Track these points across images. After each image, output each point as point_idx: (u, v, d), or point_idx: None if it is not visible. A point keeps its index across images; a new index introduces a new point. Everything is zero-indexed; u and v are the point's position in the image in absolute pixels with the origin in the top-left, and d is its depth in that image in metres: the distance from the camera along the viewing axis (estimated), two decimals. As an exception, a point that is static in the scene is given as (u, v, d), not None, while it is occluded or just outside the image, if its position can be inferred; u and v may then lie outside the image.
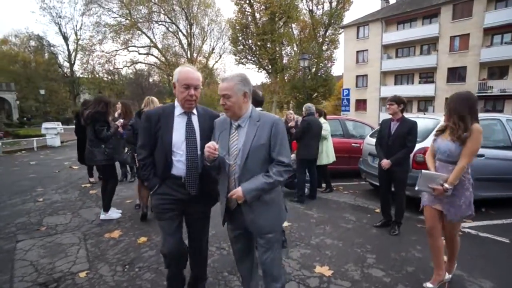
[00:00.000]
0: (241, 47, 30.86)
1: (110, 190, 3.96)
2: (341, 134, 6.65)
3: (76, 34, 35.15)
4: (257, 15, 29.64)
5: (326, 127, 5.36)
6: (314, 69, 31.48)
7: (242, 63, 32.32)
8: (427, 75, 25.12)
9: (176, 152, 1.88)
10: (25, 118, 31.82)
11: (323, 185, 5.83)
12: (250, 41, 30.47)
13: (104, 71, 35.27)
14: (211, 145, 1.63)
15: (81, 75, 36.54)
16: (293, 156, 5.32)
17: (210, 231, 2.31)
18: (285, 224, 3.86)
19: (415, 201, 4.62)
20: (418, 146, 4.27)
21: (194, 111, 1.96)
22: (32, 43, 37.71)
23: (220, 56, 37.37)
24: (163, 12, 33.06)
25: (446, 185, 2.23)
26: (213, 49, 37.23)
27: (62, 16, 34.65)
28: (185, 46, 35.69)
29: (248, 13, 29.65)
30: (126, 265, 2.79)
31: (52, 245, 3.18)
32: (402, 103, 3.53)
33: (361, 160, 5.69)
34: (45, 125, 12.09)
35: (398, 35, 25.64)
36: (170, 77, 31.83)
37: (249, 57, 31.63)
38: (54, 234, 3.46)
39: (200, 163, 1.89)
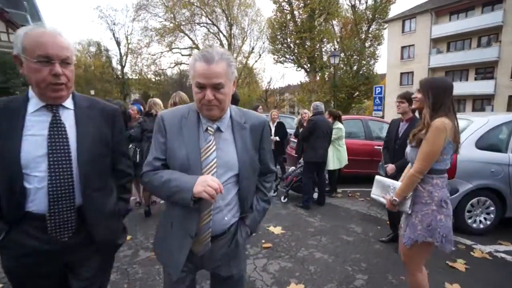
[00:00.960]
0: (280, 45, 30.57)
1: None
2: (363, 136, 6.08)
3: (127, 39, 38.08)
4: (296, 13, 29.07)
5: (337, 131, 4.92)
6: (355, 67, 29.98)
7: (281, 62, 32.00)
8: (485, 70, 22.20)
9: (30, 175, 1.09)
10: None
11: (338, 190, 5.40)
12: (288, 39, 30.03)
13: (151, 72, 37.65)
14: (217, 184, 1.04)
15: (130, 77, 39.58)
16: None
17: None
18: (278, 231, 3.59)
19: None
20: None
21: (68, 102, 1.19)
22: (92, 48, 41.82)
23: (260, 55, 37.47)
24: (204, 14, 34.12)
25: (393, 196, 1.80)
26: (252, 48, 37.45)
27: (116, 23, 37.80)
28: (225, 46, 36.43)
29: (287, 11, 29.22)
30: (99, 264, 2.78)
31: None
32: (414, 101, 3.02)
33: (380, 164, 5.11)
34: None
35: (451, 27, 23.02)
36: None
37: (288, 56, 31.20)
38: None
39: (79, 189, 1.15)
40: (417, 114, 3.14)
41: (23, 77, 14.81)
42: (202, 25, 35.35)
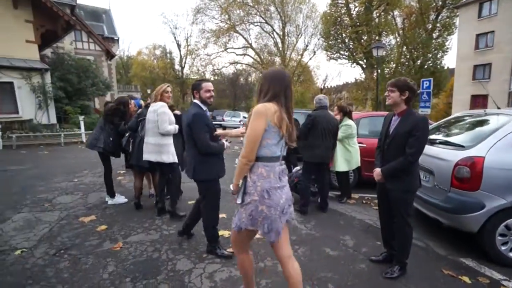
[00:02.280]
0: (333, 41, 29.17)
1: (107, 177, 4.22)
2: (389, 135, 5.27)
3: (186, 41, 40.71)
4: (351, 6, 27.37)
5: (346, 129, 4.31)
6: (419, 61, 26.95)
7: (334, 58, 30.58)
8: None
9: None
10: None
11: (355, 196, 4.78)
12: (343, 34, 28.47)
13: (208, 72, 39.59)
14: None
15: (188, 77, 42.27)
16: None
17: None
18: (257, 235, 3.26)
19: (458, 235, 3.25)
20: (463, 153, 2.96)
21: None
22: (157, 52, 45.81)
23: (314, 52, 36.24)
24: (258, 13, 34.37)
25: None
26: (307, 45, 36.45)
27: (177, 27, 40.57)
28: (279, 44, 36.21)
29: (341, 4, 27.70)
30: (61, 250, 2.85)
31: (32, 220, 3.57)
32: (408, 89, 2.39)
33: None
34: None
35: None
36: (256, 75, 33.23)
37: (342, 52, 29.62)
38: (45, 211, 3.89)
39: None
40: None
41: (92, 79, 16.99)
42: (256, 24, 35.74)
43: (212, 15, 35.18)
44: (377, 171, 2.55)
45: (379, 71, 18.17)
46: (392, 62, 28.34)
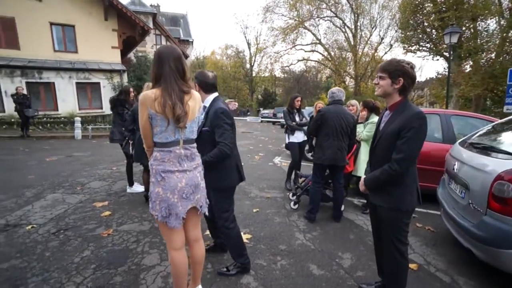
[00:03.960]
0: (412, 32, 25.91)
1: (128, 167, 4.51)
2: (440, 137, 4.29)
3: (256, 40, 41.68)
4: (437, -11, 23.77)
5: (371, 127, 3.68)
6: (529, 49, 21.78)
7: (412, 51, 27.15)
8: None
9: None
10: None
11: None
12: (425, 23, 24.98)
13: (277, 69, 39.96)
14: None
15: (258, 75, 43.30)
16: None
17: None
18: (247, 236, 3.04)
19: (485, 269, 2.47)
20: (504, 165, 2.17)
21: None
22: (228, 51, 48.13)
23: (391, 46, 32.86)
24: (327, 7, 32.88)
25: None
26: (382, 39, 33.35)
27: (247, 26, 41.96)
28: (350, 39, 34.06)
29: (424, -11, 24.30)
30: (61, 230, 3.12)
31: (59, 201, 4.01)
32: (403, 75, 1.81)
33: (442, 180, 3.47)
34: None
35: None
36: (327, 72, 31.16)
37: (422, 43, 26.09)
38: (73, 194, 4.34)
39: None
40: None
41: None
42: (326, 19, 34.24)
43: (281, 12, 35.09)
44: (361, 181, 2.03)
45: (451, 63, 15.28)
46: (485, 52, 23.62)
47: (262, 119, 25.51)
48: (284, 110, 4.91)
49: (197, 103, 1.79)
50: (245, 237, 3.06)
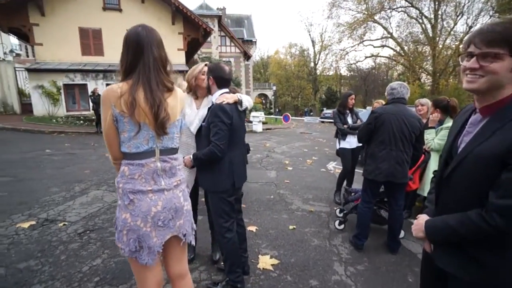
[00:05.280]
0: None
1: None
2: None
3: (321, 37, 40.17)
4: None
5: (444, 134, 2.78)
6: None
7: None
8: None
9: None
10: (278, 110, 40.77)
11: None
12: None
13: (341, 67, 37.90)
14: None
15: (322, 73, 41.74)
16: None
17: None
18: (264, 264, 2.55)
19: None
20: None
21: None
22: (292, 50, 47.53)
23: (481, 35, 27.89)
24: (402, -4, 29.60)
25: None
26: (470, 27, 28.59)
27: (312, 23, 40.65)
28: (429, 31, 30.11)
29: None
30: (87, 231, 3.08)
31: (97, 198, 4.07)
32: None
33: None
34: (253, 113, 14.91)
35: None
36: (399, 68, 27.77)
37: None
38: (113, 191, 4.38)
39: None
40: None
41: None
42: (400, 10, 30.90)
43: (348, 6, 33.01)
44: (419, 223, 1.24)
45: None
46: None
47: (323, 120, 24.17)
48: (334, 111, 4.22)
49: (178, 102, 1.39)
50: (270, 262, 2.57)
